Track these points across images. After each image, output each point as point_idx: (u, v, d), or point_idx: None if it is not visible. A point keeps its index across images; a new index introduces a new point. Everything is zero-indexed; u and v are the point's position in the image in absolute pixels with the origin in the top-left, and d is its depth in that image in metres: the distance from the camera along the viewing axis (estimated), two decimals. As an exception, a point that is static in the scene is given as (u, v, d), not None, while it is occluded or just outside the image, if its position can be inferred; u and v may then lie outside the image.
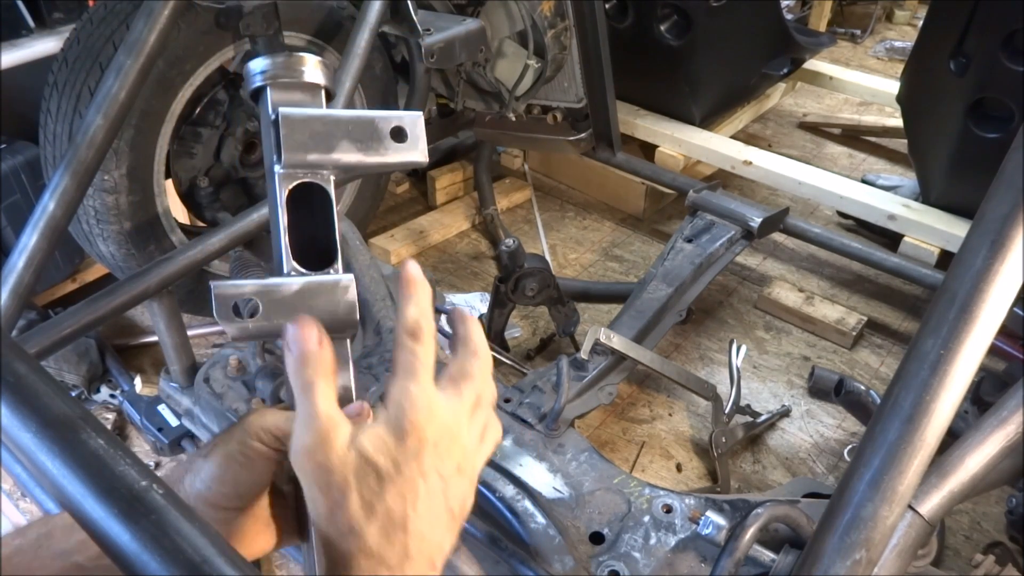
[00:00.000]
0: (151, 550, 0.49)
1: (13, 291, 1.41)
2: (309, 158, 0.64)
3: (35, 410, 0.54)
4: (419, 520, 0.56)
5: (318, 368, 0.57)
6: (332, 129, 0.65)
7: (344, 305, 0.64)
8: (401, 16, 2.06)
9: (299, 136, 0.64)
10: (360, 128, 0.65)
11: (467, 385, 0.62)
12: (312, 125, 0.64)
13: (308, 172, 0.65)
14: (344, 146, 0.65)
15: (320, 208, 0.66)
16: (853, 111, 3.66)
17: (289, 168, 0.64)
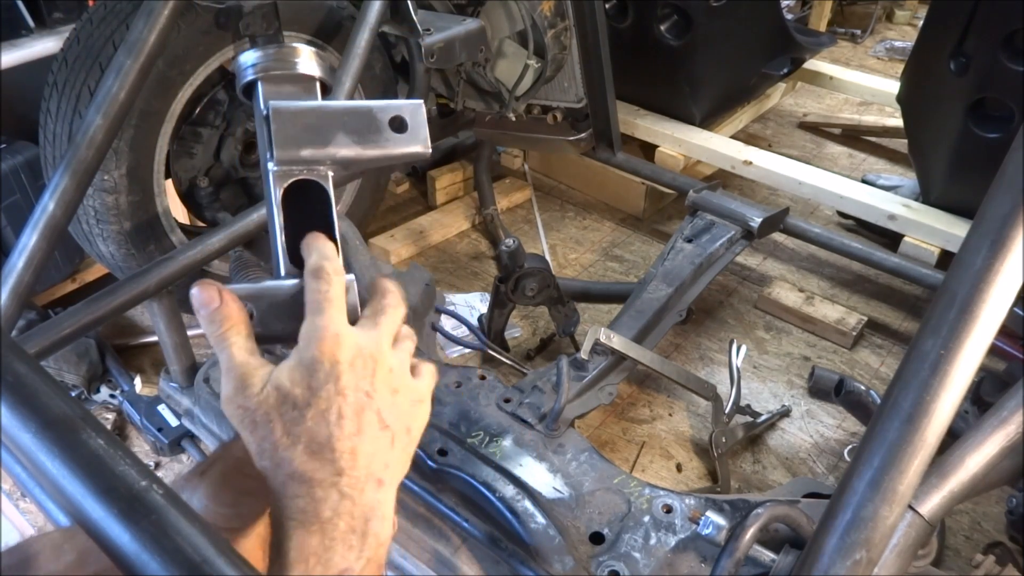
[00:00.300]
0: (151, 550, 0.49)
1: (13, 291, 1.41)
2: (303, 153, 0.61)
3: (35, 410, 0.54)
4: (346, 438, 0.57)
5: (225, 322, 0.59)
6: (327, 122, 0.62)
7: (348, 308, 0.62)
8: (401, 16, 2.06)
9: (292, 130, 0.61)
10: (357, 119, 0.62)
11: (383, 318, 0.63)
12: (305, 118, 0.61)
13: (304, 169, 0.62)
14: (340, 139, 0.62)
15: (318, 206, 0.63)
16: (853, 111, 3.66)
17: (283, 165, 0.62)
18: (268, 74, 0.64)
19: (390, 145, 0.63)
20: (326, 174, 0.63)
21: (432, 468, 1.38)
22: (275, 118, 0.61)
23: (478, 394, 1.54)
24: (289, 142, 0.61)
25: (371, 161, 0.63)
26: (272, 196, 0.62)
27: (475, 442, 1.43)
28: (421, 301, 1.86)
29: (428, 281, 1.92)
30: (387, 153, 0.63)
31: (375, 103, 0.63)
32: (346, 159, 0.62)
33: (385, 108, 0.63)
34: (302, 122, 0.61)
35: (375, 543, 0.58)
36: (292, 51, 0.65)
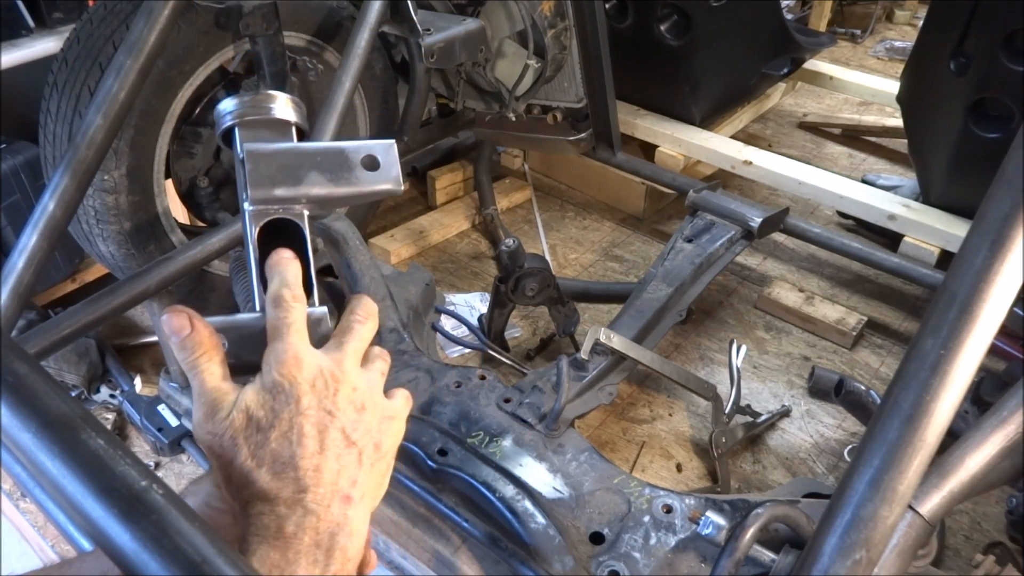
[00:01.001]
0: (151, 550, 0.49)
1: (13, 291, 1.41)
2: (277, 192, 0.63)
3: (35, 410, 0.54)
4: (309, 456, 0.58)
5: (197, 349, 0.60)
6: (300, 162, 0.63)
7: (318, 339, 0.63)
8: (401, 16, 2.06)
9: (266, 170, 0.63)
10: (330, 159, 0.64)
11: (348, 337, 0.64)
12: (279, 159, 0.63)
13: (280, 208, 0.64)
14: (313, 178, 0.63)
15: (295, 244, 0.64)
16: (853, 111, 3.66)
17: (259, 204, 0.63)
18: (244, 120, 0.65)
19: (362, 183, 0.64)
20: (301, 212, 0.64)
21: (432, 468, 1.38)
22: (249, 159, 0.63)
23: (478, 394, 1.54)
24: (263, 182, 0.63)
25: (344, 199, 0.65)
26: (248, 234, 0.64)
27: (475, 442, 1.43)
28: (421, 301, 1.86)
29: (428, 281, 1.92)
30: (359, 191, 0.65)
31: (348, 143, 0.65)
32: (319, 197, 0.64)
33: (358, 148, 0.65)
34: (276, 163, 0.63)
35: (342, 558, 0.58)
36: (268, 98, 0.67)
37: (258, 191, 0.63)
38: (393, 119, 2.39)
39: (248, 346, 0.62)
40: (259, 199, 0.63)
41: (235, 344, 0.63)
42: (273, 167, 0.63)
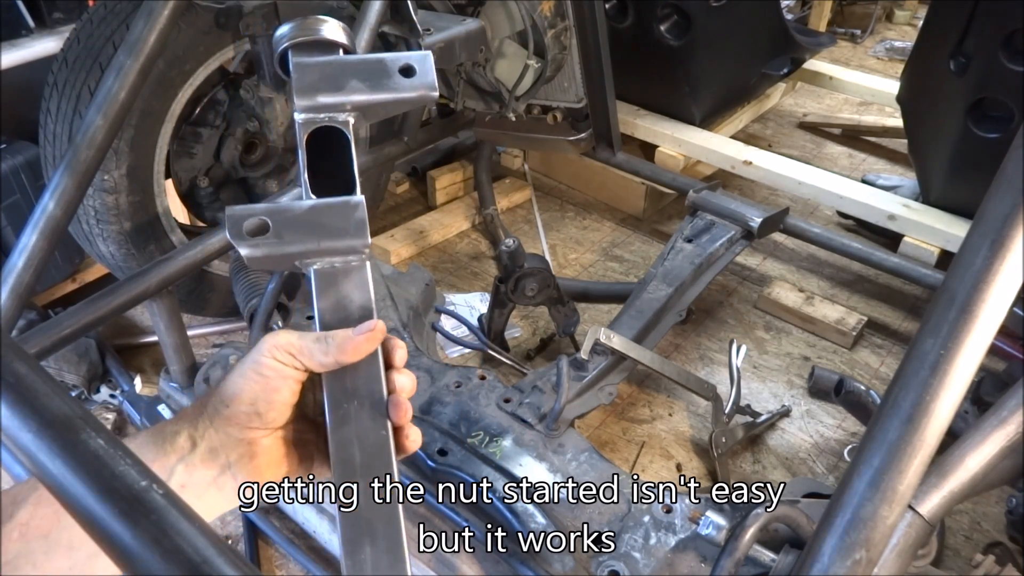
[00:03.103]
0: (151, 550, 0.49)
1: (13, 291, 1.41)
2: (320, 99, 0.67)
3: (35, 410, 0.54)
4: None
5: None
6: (342, 72, 0.68)
7: (354, 222, 0.66)
8: (401, 16, 2.06)
9: (310, 79, 0.67)
10: (369, 68, 0.68)
11: None
12: (323, 69, 0.68)
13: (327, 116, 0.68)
14: (354, 85, 0.67)
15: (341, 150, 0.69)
16: (853, 111, 3.66)
17: (305, 112, 0.67)
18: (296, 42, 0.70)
19: (400, 89, 0.69)
20: (346, 120, 0.69)
21: (432, 468, 1.38)
22: (295, 69, 0.68)
23: (478, 394, 1.54)
24: (308, 90, 0.67)
25: (384, 104, 0.69)
26: (299, 141, 0.68)
27: (475, 442, 1.43)
28: (421, 301, 1.86)
29: (428, 281, 1.92)
30: (398, 97, 0.69)
31: (386, 55, 0.69)
32: (360, 103, 0.68)
33: (396, 59, 0.69)
34: (320, 73, 0.68)
35: None
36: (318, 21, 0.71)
37: (303, 99, 0.67)
38: (393, 119, 2.39)
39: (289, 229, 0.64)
40: (304, 107, 0.67)
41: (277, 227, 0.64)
42: (317, 76, 0.67)
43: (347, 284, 0.66)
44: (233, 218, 0.63)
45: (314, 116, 0.68)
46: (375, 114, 0.70)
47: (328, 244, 0.65)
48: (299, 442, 0.68)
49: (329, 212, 0.66)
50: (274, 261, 0.65)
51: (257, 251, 0.64)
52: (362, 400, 0.64)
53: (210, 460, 0.64)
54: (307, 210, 0.65)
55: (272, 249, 0.64)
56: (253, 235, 0.64)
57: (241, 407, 0.64)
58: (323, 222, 0.65)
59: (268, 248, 0.64)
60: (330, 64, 0.68)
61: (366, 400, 0.64)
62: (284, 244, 0.64)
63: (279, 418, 0.65)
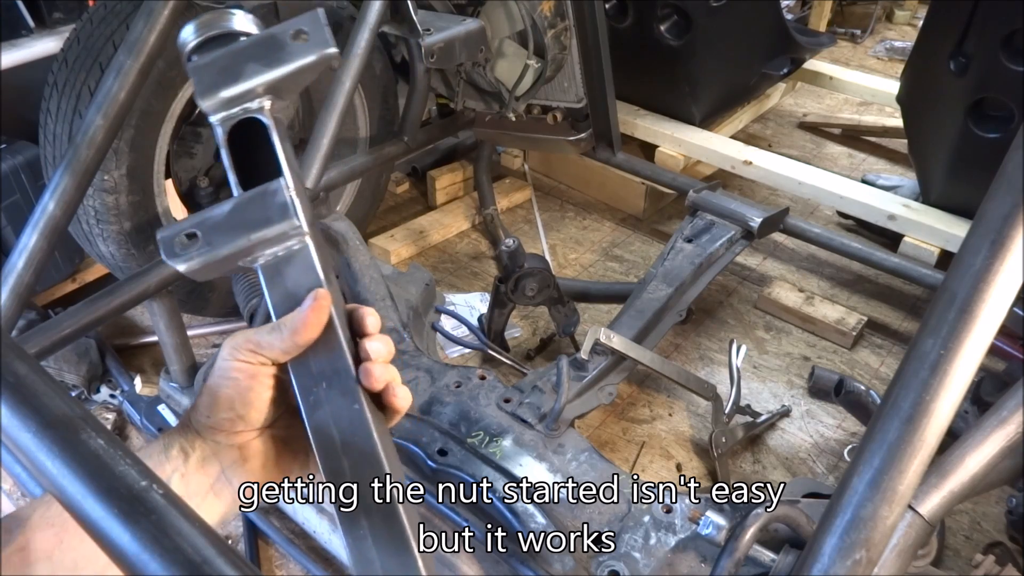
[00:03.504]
0: (151, 550, 0.49)
1: (13, 291, 1.41)
2: (224, 95, 0.64)
3: (35, 410, 0.54)
4: None
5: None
6: (237, 60, 0.65)
7: (276, 208, 0.63)
8: (401, 16, 2.06)
9: (208, 79, 0.64)
10: (262, 47, 0.65)
11: None
12: (218, 63, 0.64)
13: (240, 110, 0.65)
14: (252, 68, 0.64)
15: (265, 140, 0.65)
16: (853, 111, 3.66)
17: (216, 112, 0.64)
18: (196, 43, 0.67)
19: (298, 56, 0.65)
20: (260, 107, 0.65)
21: (432, 468, 1.38)
22: (192, 73, 0.64)
23: (478, 394, 1.54)
24: (209, 90, 0.64)
25: (289, 78, 0.65)
26: (221, 143, 0.65)
27: (475, 442, 1.43)
28: (421, 301, 1.86)
29: (428, 281, 1.92)
30: (298, 65, 0.65)
31: (274, 28, 0.66)
32: (265, 83, 0.64)
33: (284, 28, 0.66)
34: (216, 68, 0.64)
35: None
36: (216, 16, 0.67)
37: (207, 100, 0.64)
38: (393, 119, 2.39)
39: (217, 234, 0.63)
40: (211, 107, 0.64)
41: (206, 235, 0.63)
42: (214, 73, 0.64)
43: (291, 270, 0.65)
44: (164, 240, 0.62)
45: (227, 113, 0.65)
46: (286, 91, 0.66)
47: (258, 236, 0.63)
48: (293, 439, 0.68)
49: (250, 205, 0.63)
50: (214, 268, 0.63)
51: (193, 263, 0.62)
52: (329, 379, 0.63)
53: (204, 468, 0.64)
54: (230, 209, 0.63)
55: (206, 257, 0.62)
56: (185, 249, 0.62)
57: (221, 413, 0.64)
58: (247, 217, 0.63)
59: (202, 258, 0.62)
60: (223, 56, 0.65)
61: (333, 378, 0.63)
62: (216, 249, 0.62)
63: (260, 417, 0.65)
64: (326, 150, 1.84)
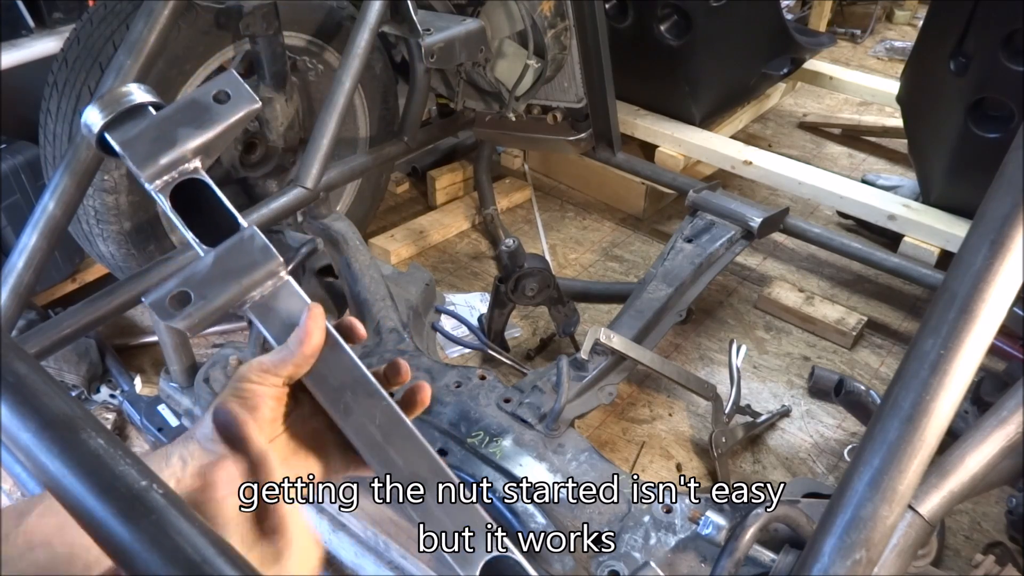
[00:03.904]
0: (151, 550, 0.49)
1: (13, 291, 1.41)
2: (162, 162, 0.68)
3: (35, 410, 0.54)
4: None
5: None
6: (165, 127, 0.68)
7: (258, 251, 0.68)
8: (401, 16, 2.06)
9: (142, 149, 0.68)
10: (187, 111, 0.69)
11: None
12: (148, 134, 0.68)
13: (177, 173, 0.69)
14: (184, 133, 0.68)
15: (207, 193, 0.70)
16: (853, 111, 3.66)
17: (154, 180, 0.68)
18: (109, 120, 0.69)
19: (225, 116, 0.70)
20: (196, 167, 0.69)
21: (432, 468, 1.38)
22: (123, 148, 0.68)
23: (478, 394, 1.54)
24: (146, 160, 0.68)
25: (220, 136, 0.70)
26: (165, 207, 0.69)
27: (475, 442, 1.43)
28: (421, 301, 1.86)
29: (428, 281, 1.92)
30: (227, 124, 0.70)
31: (195, 91, 0.70)
32: (199, 146, 0.69)
33: (204, 90, 0.70)
34: (147, 139, 0.68)
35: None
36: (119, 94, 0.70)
37: (145, 169, 0.67)
38: (393, 119, 2.39)
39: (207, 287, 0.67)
40: (151, 175, 0.68)
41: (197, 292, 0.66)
42: (147, 143, 0.68)
43: (279, 303, 0.69)
44: (155, 304, 0.66)
45: (165, 179, 0.68)
46: (216, 148, 0.71)
47: (248, 280, 0.68)
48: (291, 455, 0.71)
49: (231, 254, 0.68)
50: (210, 320, 0.67)
51: (192, 320, 0.66)
52: (351, 387, 0.68)
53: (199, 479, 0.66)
54: (212, 263, 0.67)
55: (204, 312, 0.66)
56: (180, 307, 0.66)
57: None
58: (231, 266, 0.67)
59: (200, 313, 0.66)
60: (152, 126, 0.68)
61: (354, 385, 0.69)
62: (211, 302, 0.66)
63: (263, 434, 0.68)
64: (326, 150, 1.84)
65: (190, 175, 0.69)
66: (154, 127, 0.68)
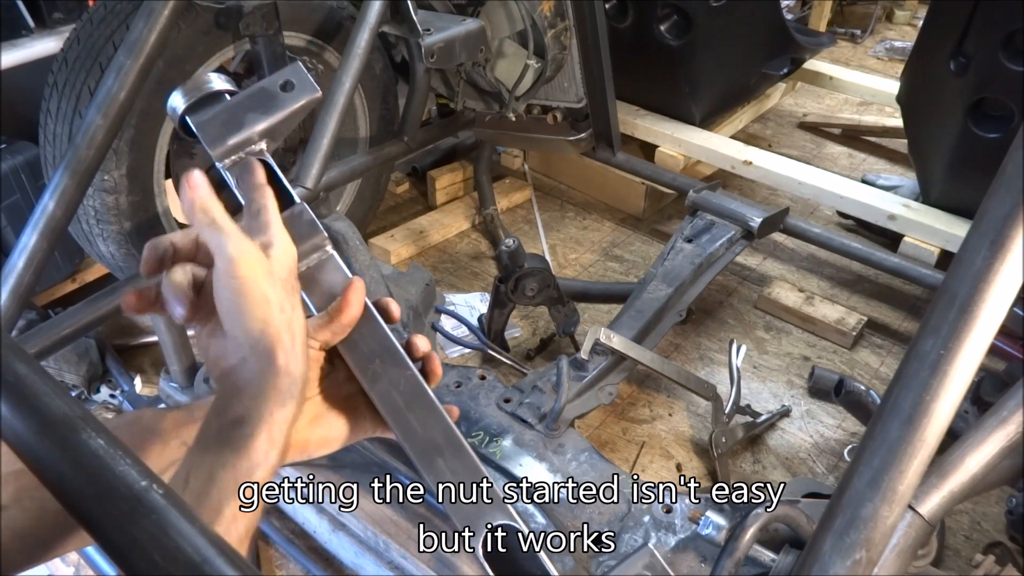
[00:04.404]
0: (151, 550, 0.49)
1: (13, 291, 1.41)
2: (231, 142, 0.74)
3: (35, 410, 0.54)
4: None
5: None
6: (236, 112, 0.75)
7: (306, 225, 0.74)
8: (401, 16, 2.06)
9: (214, 131, 0.74)
10: (256, 98, 0.76)
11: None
12: (219, 117, 0.75)
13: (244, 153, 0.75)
14: (251, 118, 0.75)
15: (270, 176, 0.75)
16: (853, 111, 3.66)
17: (223, 159, 0.75)
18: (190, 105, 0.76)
19: (290, 103, 0.76)
20: (260, 149, 0.76)
21: (432, 468, 1.38)
22: (198, 128, 0.74)
23: (478, 394, 1.54)
24: (216, 140, 0.74)
25: (284, 121, 0.76)
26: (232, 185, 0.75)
27: (475, 442, 1.43)
28: (421, 301, 1.86)
29: (428, 281, 1.92)
30: (291, 109, 0.76)
31: (263, 81, 0.77)
32: (265, 129, 0.75)
33: (272, 80, 0.76)
34: (218, 121, 0.75)
35: None
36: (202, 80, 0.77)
37: (216, 148, 0.74)
38: (393, 119, 2.39)
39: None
40: (220, 155, 0.74)
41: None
42: (218, 126, 0.74)
43: (325, 275, 0.75)
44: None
45: (233, 159, 0.75)
46: (280, 133, 0.77)
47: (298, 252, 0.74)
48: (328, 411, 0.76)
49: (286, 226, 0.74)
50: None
51: None
52: (381, 356, 0.74)
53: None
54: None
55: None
56: None
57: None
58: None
59: None
60: (224, 110, 0.75)
61: (384, 354, 0.74)
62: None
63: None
64: (326, 150, 1.84)
65: (256, 156, 0.75)
66: (225, 111, 0.75)
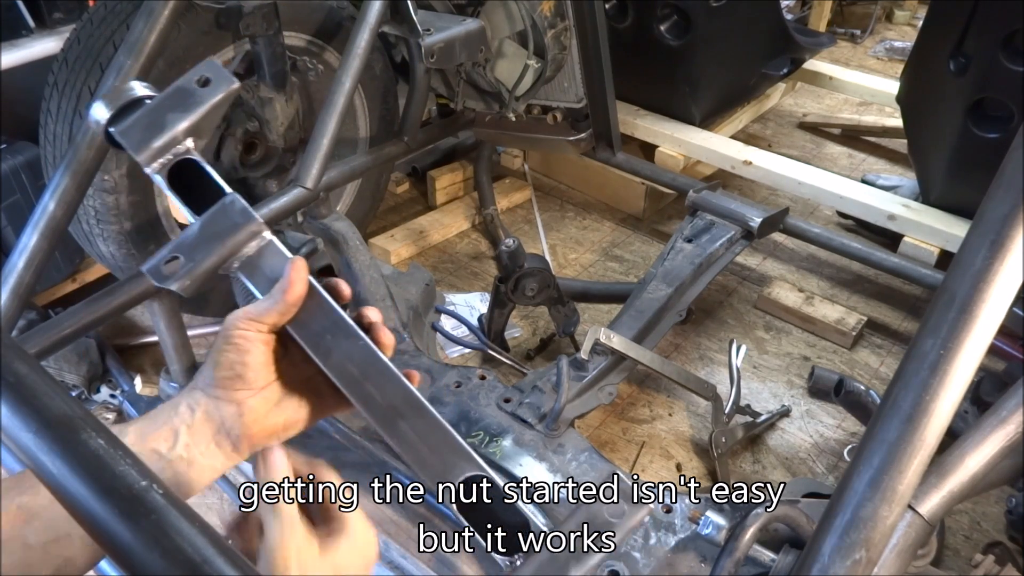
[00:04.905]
0: (151, 550, 0.49)
1: (13, 291, 1.41)
2: (156, 144, 0.74)
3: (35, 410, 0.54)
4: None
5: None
6: (157, 114, 0.75)
7: (239, 214, 0.74)
8: (401, 16, 2.06)
9: (137, 136, 0.74)
10: (175, 98, 0.76)
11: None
12: (141, 122, 0.75)
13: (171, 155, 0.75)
14: (173, 118, 0.75)
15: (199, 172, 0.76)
16: (853, 111, 3.66)
17: (151, 162, 0.75)
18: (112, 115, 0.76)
19: (208, 98, 0.76)
20: (187, 148, 0.76)
21: (432, 468, 1.38)
22: (120, 136, 0.75)
23: (478, 394, 1.54)
24: (141, 145, 0.74)
25: (206, 117, 0.76)
26: (163, 187, 0.76)
27: (475, 442, 1.43)
28: (421, 301, 1.86)
29: (428, 281, 1.92)
30: (211, 104, 0.76)
31: (179, 80, 0.77)
32: (188, 127, 0.75)
33: (188, 78, 0.76)
34: (140, 126, 0.75)
35: None
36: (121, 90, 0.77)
37: (141, 153, 0.74)
38: (393, 119, 2.39)
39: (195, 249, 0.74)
40: (148, 159, 0.74)
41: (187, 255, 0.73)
42: (141, 130, 0.74)
43: (264, 260, 0.75)
44: (150, 270, 0.73)
45: (161, 161, 0.75)
46: (205, 128, 0.77)
47: (232, 241, 0.74)
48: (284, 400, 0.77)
49: (215, 219, 0.74)
50: (203, 279, 0.74)
51: (185, 280, 0.73)
52: (331, 330, 0.74)
53: (208, 421, 0.73)
54: (199, 229, 0.74)
55: (194, 272, 0.73)
56: (172, 271, 0.73)
57: (222, 372, 0.73)
58: (216, 229, 0.74)
59: (190, 273, 0.73)
60: (144, 115, 0.75)
61: (333, 328, 0.74)
62: (200, 263, 0.73)
63: (256, 378, 0.74)
64: (326, 150, 1.84)
65: (183, 155, 0.75)
66: (146, 115, 0.75)
